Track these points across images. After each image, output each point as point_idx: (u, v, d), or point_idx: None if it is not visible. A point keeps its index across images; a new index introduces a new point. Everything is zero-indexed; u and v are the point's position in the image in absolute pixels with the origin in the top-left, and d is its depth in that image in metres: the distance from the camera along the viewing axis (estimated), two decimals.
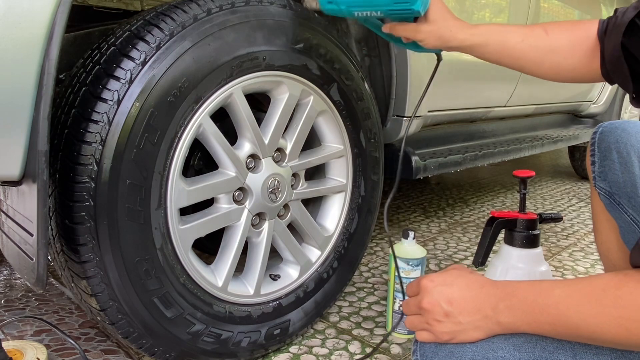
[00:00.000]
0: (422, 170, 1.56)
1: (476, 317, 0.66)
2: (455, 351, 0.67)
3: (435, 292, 0.68)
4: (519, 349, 0.64)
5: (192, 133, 0.98)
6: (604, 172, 0.96)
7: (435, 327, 0.68)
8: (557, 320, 0.60)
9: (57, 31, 0.76)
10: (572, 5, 2.41)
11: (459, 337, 0.67)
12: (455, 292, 0.68)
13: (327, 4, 0.98)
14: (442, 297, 0.68)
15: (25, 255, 0.86)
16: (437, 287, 0.69)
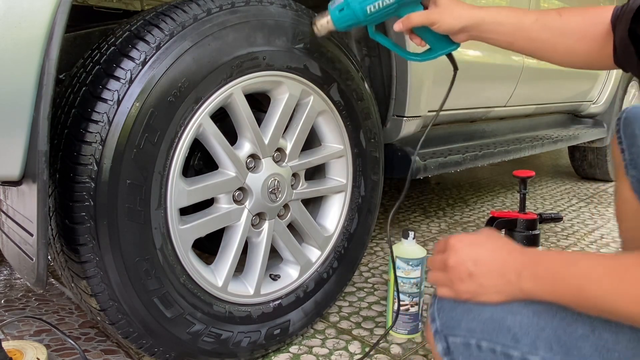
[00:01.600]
0: (422, 170, 1.56)
1: (499, 281, 0.66)
2: (473, 309, 0.68)
3: (462, 252, 0.70)
4: (538, 315, 0.64)
5: (192, 133, 0.98)
6: (634, 160, 0.94)
7: (458, 285, 0.69)
8: (578, 292, 0.61)
9: (57, 31, 0.76)
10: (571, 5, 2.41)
11: (479, 298, 0.68)
12: (482, 254, 0.68)
13: (338, 13, 0.99)
14: (468, 257, 0.69)
15: (25, 255, 0.86)
16: (465, 246, 0.70)
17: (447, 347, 0.69)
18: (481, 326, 0.67)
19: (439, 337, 0.70)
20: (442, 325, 0.70)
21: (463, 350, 0.68)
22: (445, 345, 0.69)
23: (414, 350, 1.23)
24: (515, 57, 2.03)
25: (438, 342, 0.70)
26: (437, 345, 0.70)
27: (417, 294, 1.27)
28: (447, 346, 0.69)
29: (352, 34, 1.48)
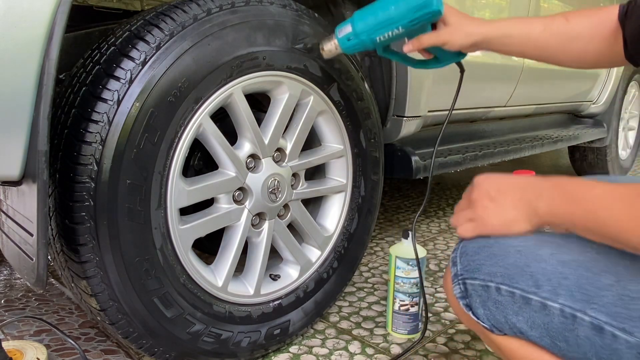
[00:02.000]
0: (422, 170, 1.56)
1: (520, 203, 0.68)
2: (497, 255, 0.69)
3: (485, 183, 0.73)
4: (563, 265, 0.65)
5: (192, 133, 0.98)
6: None
7: (479, 213, 0.72)
8: (589, 214, 0.62)
9: (57, 31, 0.76)
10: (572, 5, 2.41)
11: (499, 228, 0.70)
12: (505, 182, 0.72)
13: (346, 41, 0.99)
14: (492, 186, 0.72)
15: (25, 255, 0.86)
16: (488, 179, 0.73)
17: (464, 290, 0.72)
18: (503, 270, 0.68)
19: (458, 281, 0.72)
20: (462, 269, 0.72)
21: (481, 292, 0.70)
22: (463, 288, 0.72)
23: (414, 350, 1.23)
24: (515, 57, 2.03)
25: (456, 285, 0.73)
26: (455, 289, 0.73)
27: (417, 294, 1.27)
28: (465, 289, 0.72)
29: None
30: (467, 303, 0.72)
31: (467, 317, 0.74)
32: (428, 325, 1.35)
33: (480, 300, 0.70)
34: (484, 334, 0.75)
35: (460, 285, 0.72)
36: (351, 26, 0.97)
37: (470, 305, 0.72)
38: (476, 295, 0.71)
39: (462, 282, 0.72)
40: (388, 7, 0.94)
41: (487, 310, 0.70)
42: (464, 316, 0.75)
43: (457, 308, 0.75)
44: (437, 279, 1.67)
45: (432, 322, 1.38)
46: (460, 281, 0.72)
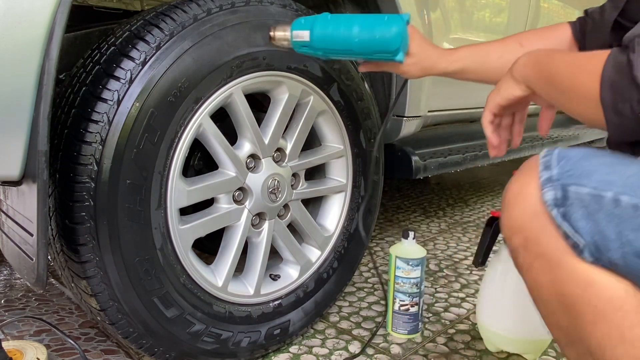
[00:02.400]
0: (422, 170, 1.56)
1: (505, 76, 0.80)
2: (615, 164, 0.63)
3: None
4: None
5: (192, 133, 0.98)
6: None
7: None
8: (546, 66, 0.71)
9: (57, 31, 0.76)
10: (572, 5, 2.41)
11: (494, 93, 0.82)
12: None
13: (300, 47, 0.94)
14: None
15: (25, 255, 0.86)
16: None
17: (562, 197, 0.62)
18: (624, 180, 0.60)
19: (553, 186, 0.62)
20: (562, 173, 0.63)
21: (589, 202, 0.61)
22: (561, 194, 0.62)
23: (414, 350, 1.23)
24: None
25: (549, 190, 0.63)
26: (547, 194, 0.63)
27: (417, 294, 1.27)
28: (564, 195, 0.62)
29: None
30: (563, 212, 0.62)
31: (546, 231, 0.63)
32: (428, 325, 1.36)
33: (585, 211, 0.60)
34: (554, 262, 0.64)
35: (557, 191, 0.62)
36: (309, 36, 0.91)
37: (567, 215, 0.62)
38: (580, 204, 0.61)
39: (561, 188, 0.62)
40: (351, 39, 0.89)
41: (592, 223, 0.60)
42: (541, 230, 0.64)
43: (533, 219, 0.64)
44: (437, 279, 1.67)
45: (432, 322, 1.38)
46: (559, 186, 0.62)
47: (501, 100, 0.81)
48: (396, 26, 0.86)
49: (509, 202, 0.67)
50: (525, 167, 0.68)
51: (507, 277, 1.16)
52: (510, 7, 1.95)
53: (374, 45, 0.88)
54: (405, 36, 0.88)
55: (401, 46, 0.88)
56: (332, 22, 0.90)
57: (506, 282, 1.15)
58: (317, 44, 0.92)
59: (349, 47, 0.90)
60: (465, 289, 1.59)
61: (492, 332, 1.20)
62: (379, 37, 0.87)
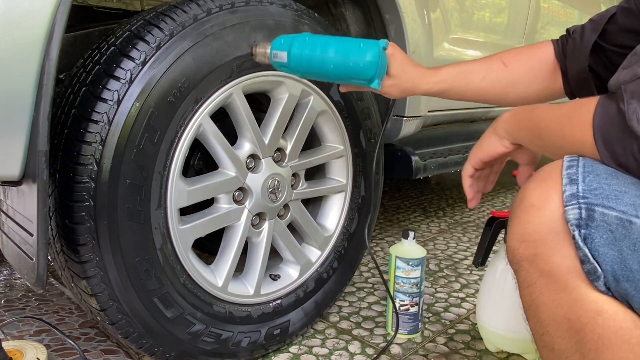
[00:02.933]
0: (422, 170, 1.56)
1: (488, 132, 0.80)
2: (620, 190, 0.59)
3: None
4: None
5: (192, 133, 0.98)
6: None
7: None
8: (531, 121, 0.71)
9: (57, 31, 0.76)
10: (572, 5, 2.41)
11: (476, 149, 0.82)
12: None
13: (280, 66, 0.93)
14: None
15: (25, 255, 0.86)
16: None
17: (587, 218, 0.57)
18: None
19: (578, 204, 0.58)
20: (588, 191, 0.58)
21: (616, 227, 0.56)
22: (586, 215, 0.57)
23: (414, 350, 1.23)
24: None
25: (573, 208, 0.58)
26: (570, 212, 0.58)
27: (417, 294, 1.27)
28: (589, 216, 0.57)
29: (352, 34, 1.48)
30: (585, 235, 0.57)
31: (560, 250, 0.59)
32: (428, 325, 1.36)
33: (610, 237, 0.56)
34: (561, 284, 0.59)
35: (582, 210, 0.57)
36: (287, 58, 0.90)
37: (589, 239, 0.57)
38: (606, 228, 0.56)
39: (587, 207, 0.57)
40: (326, 64, 0.87)
41: (615, 251, 0.56)
42: (555, 248, 0.60)
43: (549, 235, 0.60)
44: (437, 279, 1.67)
45: (432, 322, 1.38)
46: (584, 205, 0.57)
47: (483, 156, 0.81)
48: (371, 54, 0.84)
49: (524, 210, 0.62)
50: (546, 174, 0.63)
51: (507, 277, 1.16)
52: (510, 7, 1.95)
53: (348, 72, 0.86)
54: (381, 63, 0.85)
55: (376, 74, 0.85)
56: (309, 45, 0.88)
57: (506, 282, 1.15)
58: (294, 66, 0.90)
59: (324, 72, 0.88)
60: (465, 289, 1.59)
61: (492, 332, 1.20)
62: (352, 64, 0.85)
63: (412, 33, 1.40)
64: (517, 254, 0.63)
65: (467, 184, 0.86)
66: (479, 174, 0.87)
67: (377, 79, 0.86)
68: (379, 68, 0.85)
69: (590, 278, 0.58)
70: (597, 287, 0.58)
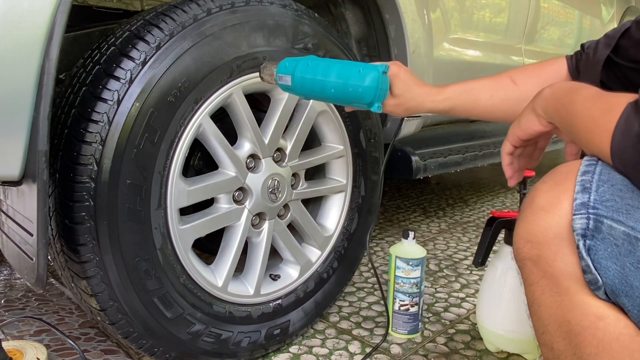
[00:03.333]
0: (422, 170, 1.56)
1: (527, 109, 0.75)
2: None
3: None
4: None
5: (192, 133, 0.98)
6: None
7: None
8: (565, 107, 0.66)
9: (57, 31, 0.76)
10: (572, 5, 2.41)
11: (515, 129, 0.77)
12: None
13: (285, 88, 0.96)
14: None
15: (25, 255, 0.86)
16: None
17: (594, 229, 0.56)
18: None
19: (587, 214, 0.57)
20: (599, 202, 0.57)
21: (622, 242, 0.55)
22: (593, 226, 0.56)
23: (414, 350, 1.23)
24: (515, 57, 2.03)
25: (581, 217, 0.57)
26: (577, 221, 0.57)
27: (417, 294, 1.27)
28: (596, 228, 0.56)
29: (352, 34, 1.48)
30: (590, 246, 0.56)
31: (563, 256, 0.59)
32: (428, 325, 1.36)
33: (615, 251, 0.55)
34: (563, 288, 0.59)
35: (590, 221, 0.56)
36: (291, 81, 0.92)
37: (592, 250, 0.56)
38: (611, 242, 0.55)
39: (595, 219, 0.56)
40: (327, 88, 0.88)
41: (618, 267, 0.55)
42: (558, 253, 0.59)
43: (554, 239, 0.59)
44: (437, 279, 1.67)
45: (432, 322, 1.38)
46: (592, 215, 0.56)
47: (521, 134, 0.76)
48: (369, 79, 0.84)
49: (533, 211, 0.62)
50: (560, 176, 0.62)
51: (507, 277, 1.16)
52: (510, 7, 1.95)
53: (348, 96, 0.87)
54: (380, 87, 0.86)
55: (375, 98, 0.86)
56: (311, 69, 0.90)
57: (506, 282, 1.15)
58: (298, 89, 0.92)
59: (326, 96, 0.90)
60: (465, 289, 1.59)
61: (492, 332, 1.20)
62: (352, 89, 0.86)
63: (412, 33, 1.40)
64: (521, 253, 0.64)
65: (506, 162, 0.81)
66: (519, 152, 0.81)
67: (376, 102, 0.87)
68: (378, 92, 0.86)
69: (591, 287, 0.58)
70: (598, 295, 0.58)
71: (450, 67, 1.66)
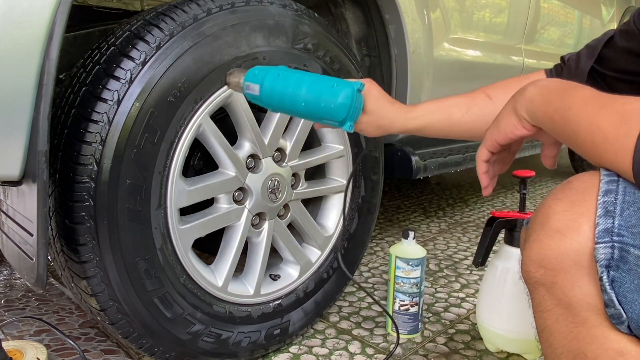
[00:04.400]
0: (422, 170, 1.56)
1: (508, 108, 0.68)
2: None
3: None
4: None
5: (192, 133, 0.98)
6: None
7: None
8: (560, 113, 0.59)
9: (57, 31, 0.76)
10: (572, 5, 2.41)
11: (494, 131, 0.70)
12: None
13: (252, 98, 0.89)
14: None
15: (25, 255, 0.86)
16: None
17: (619, 259, 0.51)
18: None
19: (611, 242, 0.51)
20: (625, 228, 0.51)
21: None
22: (618, 255, 0.51)
23: (414, 350, 1.23)
24: (515, 57, 2.03)
25: (604, 246, 0.52)
26: (600, 250, 0.52)
27: (417, 294, 1.27)
28: (621, 257, 0.51)
29: (352, 34, 1.48)
30: (614, 278, 0.51)
31: (582, 287, 0.54)
32: (428, 325, 1.36)
33: (636, 282, 0.50)
34: (580, 319, 0.54)
35: (614, 250, 0.51)
36: (259, 91, 0.87)
37: (616, 282, 0.51)
38: (639, 274, 0.50)
39: (619, 247, 0.51)
40: (297, 102, 0.83)
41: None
42: (576, 282, 0.54)
43: (571, 268, 0.54)
44: (437, 279, 1.67)
45: (432, 322, 1.38)
46: (617, 244, 0.51)
47: (501, 139, 0.70)
48: (343, 95, 0.79)
49: (547, 234, 0.56)
50: (577, 194, 0.56)
51: (507, 277, 1.16)
52: (510, 7, 1.95)
53: (319, 112, 0.82)
54: (354, 105, 0.81)
55: (347, 116, 0.81)
56: (282, 80, 0.84)
57: (506, 282, 1.15)
58: (266, 100, 0.87)
59: (295, 110, 0.84)
60: (465, 289, 1.59)
61: (492, 332, 1.20)
62: (324, 105, 0.81)
63: (412, 33, 1.40)
64: (533, 277, 0.59)
65: (482, 170, 0.75)
66: (495, 158, 0.76)
67: (349, 121, 0.82)
68: (351, 110, 0.81)
69: (613, 321, 0.53)
70: (620, 329, 0.53)
71: (450, 67, 1.66)
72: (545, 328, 0.59)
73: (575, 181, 0.58)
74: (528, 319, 1.13)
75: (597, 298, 0.53)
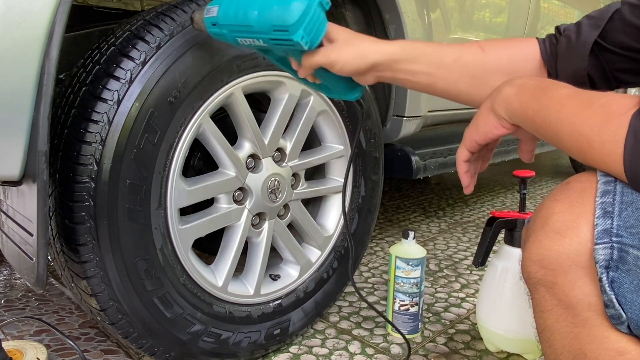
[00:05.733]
0: (422, 170, 1.56)
1: (485, 108, 0.68)
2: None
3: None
4: None
5: (192, 133, 0.98)
6: None
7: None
8: (541, 113, 0.59)
9: (57, 31, 0.76)
10: (572, 5, 2.41)
11: (473, 131, 0.70)
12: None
13: (211, 26, 0.84)
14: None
15: (25, 255, 0.86)
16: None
17: (618, 259, 0.51)
18: None
19: (610, 243, 0.52)
20: (624, 229, 0.51)
21: None
22: (617, 256, 0.51)
23: (414, 350, 1.23)
24: None
25: (604, 247, 0.52)
26: (600, 251, 0.52)
27: (417, 294, 1.27)
28: (620, 258, 0.51)
29: None
30: (613, 278, 0.51)
31: (582, 287, 0.54)
32: (428, 325, 1.36)
33: (635, 282, 0.50)
34: (580, 320, 0.54)
35: (614, 250, 0.51)
36: (217, 12, 0.81)
37: (616, 282, 0.51)
38: (638, 274, 0.50)
39: (618, 247, 0.51)
40: (251, 12, 0.76)
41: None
42: (576, 283, 0.54)
43: (571, 268, 0.54)
44: (437, 279, 1.67)
45: (432, 322, 1.38)
46: (616, 245, 0.51)
47: (480, 139, 0.70)
48: (299, 1, 0.71)
49: (546, 234, 0.56)
50: (575, 194, 0.56)
51: (507, 277, 1.16)
52: (510, 7, 1.95)
53: (271, 19, 0.73)
54: (311, 17, 0.72)
55: (299, 22, 0.71)
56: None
57: (506, 282, 1.15)
58: (223, 19, 0.80)
59: (249, 23, 0.76)
60: (465, 289, 1.59)
61: (492, 332, 1.20)
62: (276, 8, 0.73)
63: (412, 33, 1.40)
64: (533, 277, 0.59)
65: (463, 170, 0.74)
66: (475, 157, 0.75)
67: (302, 31, 0.72)
68: (306, 19, 0.72)
69: (613, 321, 0.53)
70: (620, 329, 0.53)
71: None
72: (545, 328, 0.60)
73: (573, 182, 0.58)
74: (528, 319, 1.13)
75: (597, 298, 0.54)
